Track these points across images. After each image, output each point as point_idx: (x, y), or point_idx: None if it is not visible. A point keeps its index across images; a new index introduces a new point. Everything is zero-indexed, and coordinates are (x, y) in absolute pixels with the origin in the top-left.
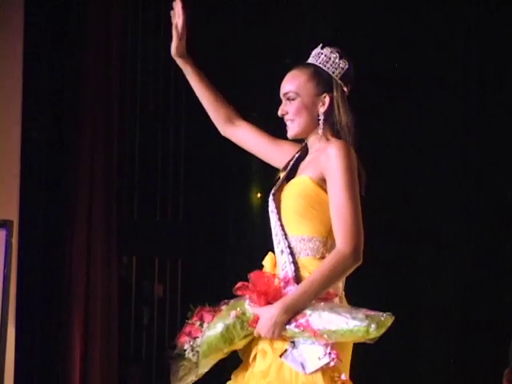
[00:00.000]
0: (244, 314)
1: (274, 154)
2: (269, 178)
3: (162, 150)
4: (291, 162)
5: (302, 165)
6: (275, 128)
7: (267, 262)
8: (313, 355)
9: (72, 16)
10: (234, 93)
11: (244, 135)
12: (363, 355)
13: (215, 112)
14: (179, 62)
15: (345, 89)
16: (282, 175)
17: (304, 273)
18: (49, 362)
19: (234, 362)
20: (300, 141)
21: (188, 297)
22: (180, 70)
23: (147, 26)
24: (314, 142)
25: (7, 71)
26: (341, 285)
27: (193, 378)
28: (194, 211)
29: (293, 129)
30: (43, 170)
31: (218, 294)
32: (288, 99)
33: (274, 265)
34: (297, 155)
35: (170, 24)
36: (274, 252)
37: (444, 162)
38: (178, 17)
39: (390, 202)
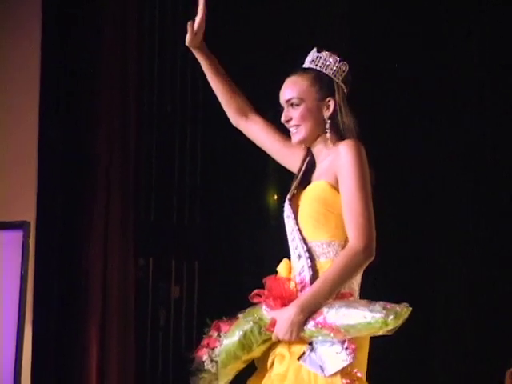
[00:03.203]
0: (261, 319)
1: (283, 152)
2: (285, 182)
3: (180, 151)
4: (302, 168)
5: (318, 170)
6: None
7: (282, 267)
8: (331, 356)
9: (87, 17)
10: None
11: (255, 129)
12: (376, 354)
13: (227, 103)
14: (195, 52)
15: (345, 90)
16: (295, 181)
17: None
18: (66, 362)
19: (249, 370)
20: None
21: (204, 299)
22: (197, 70)
23: (164, 23)
24: (321, 148)
25: (24, 74)
26: (356, 287)
27: None
28: (211, 213)
29: (299, 134)
30: (60, 171)
31: (235, 296)
32: (291, 105)
33: (289, 271)
34: (306, 161)
35: (187, 19)
36: (289, 258)
37: (453, 162)
38: (200, 9)
39: (400, 202)
